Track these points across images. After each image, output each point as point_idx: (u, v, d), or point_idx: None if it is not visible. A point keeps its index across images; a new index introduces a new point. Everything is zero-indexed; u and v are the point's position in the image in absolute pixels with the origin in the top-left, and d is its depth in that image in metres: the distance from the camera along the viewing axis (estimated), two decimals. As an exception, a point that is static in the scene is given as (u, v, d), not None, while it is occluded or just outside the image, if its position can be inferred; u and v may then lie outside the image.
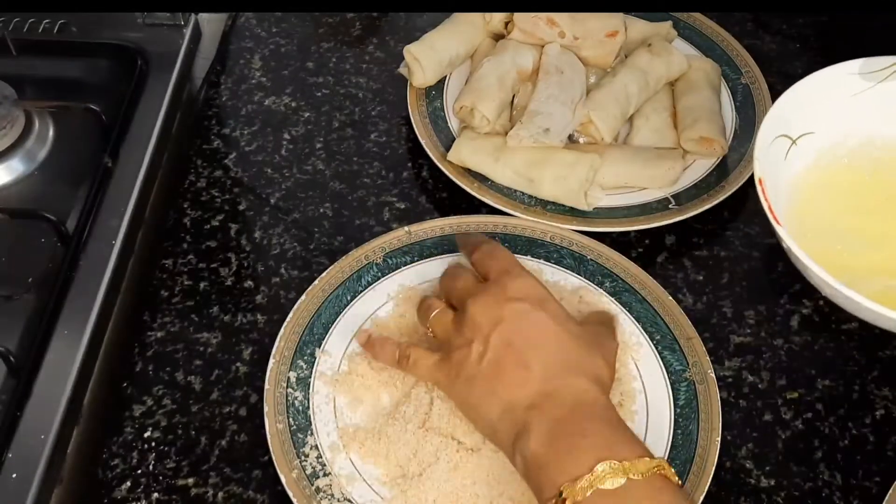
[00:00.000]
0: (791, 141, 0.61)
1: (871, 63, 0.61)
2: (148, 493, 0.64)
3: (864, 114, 0.57)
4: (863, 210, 0.63)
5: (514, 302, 0.60)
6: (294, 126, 0.88)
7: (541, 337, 0.60)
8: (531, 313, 0.60)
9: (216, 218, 0.80)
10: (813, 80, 0.61)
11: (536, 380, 0.58)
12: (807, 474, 0.66)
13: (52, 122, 0.82)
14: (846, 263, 0.61)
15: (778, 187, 0.59)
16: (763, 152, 0.58)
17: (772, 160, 0.60)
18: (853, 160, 0.64)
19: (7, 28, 0.86)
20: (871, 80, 0.60)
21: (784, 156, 0.61)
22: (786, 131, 0.61)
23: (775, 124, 0.60)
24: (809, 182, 0.64)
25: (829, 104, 0.61)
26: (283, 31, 0.96)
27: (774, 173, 0.60)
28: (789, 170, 0.61)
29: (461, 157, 0.80)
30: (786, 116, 0.61)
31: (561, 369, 0.58)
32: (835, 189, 0.64)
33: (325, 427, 0.66)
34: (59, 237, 0.72)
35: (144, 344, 0.72)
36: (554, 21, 0.86)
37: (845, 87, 0.62)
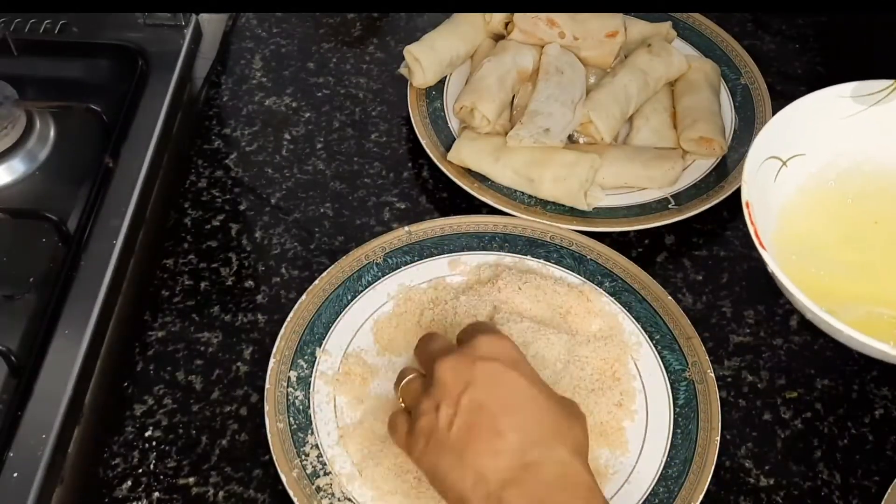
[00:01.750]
0: (781, 163, 0.60)
1: (864, 86, 0.60)
2: (149, 493, 0.64)
3: (854, 137, 0.56)
4: (848, 236, 0.62)
5: (486, 361, 0.55)
6: (295, 126, 0.88)
7: (516, 400, 0.54)
8: (504, 373, 0.54)
9: (217, 218, 0.80)
10: (805, 102, 0.60)
11: (512, 449, 0.52)
12: (806, 474, 0.66)
13: (53, 123, 0.82)
14: (829, 288, 0.60)
15: (765, 210, 0.58)
16: (752, 175, 0.58)
17: (760, 183, 0.59)
18: (841, 184, 0.63)
19: (8, 28, 0.86)
20: (863, 104, 0.60)
21: (774, 178, 0.61)
22: (776, 153, 0.60)
23: (766, 146, 0.60)
24: (797, 205, 0.62)
25: (820, 127, 0.60)
26: (284, 31, 0.96)
27: (762, 196, 0.59)
28: (778, 192, 0.60)
29: (461, 157, 0.80)
30: (777, 138, 0.60)
31: (539, 437, 0.53)
32: (822, 213, 0.63)
33: (326, 426, 0.66)
34: (60, 237, 0.72)
35: (145, 343, 0.72)
36: (554, 21, 0.87)
37: (837, 110, 0.61)
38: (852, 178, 0.63)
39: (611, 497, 0.63)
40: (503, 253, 0.76)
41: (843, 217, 0.63)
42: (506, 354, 0.56)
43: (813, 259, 0.61)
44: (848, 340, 0.52)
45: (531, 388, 0.54)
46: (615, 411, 0.66)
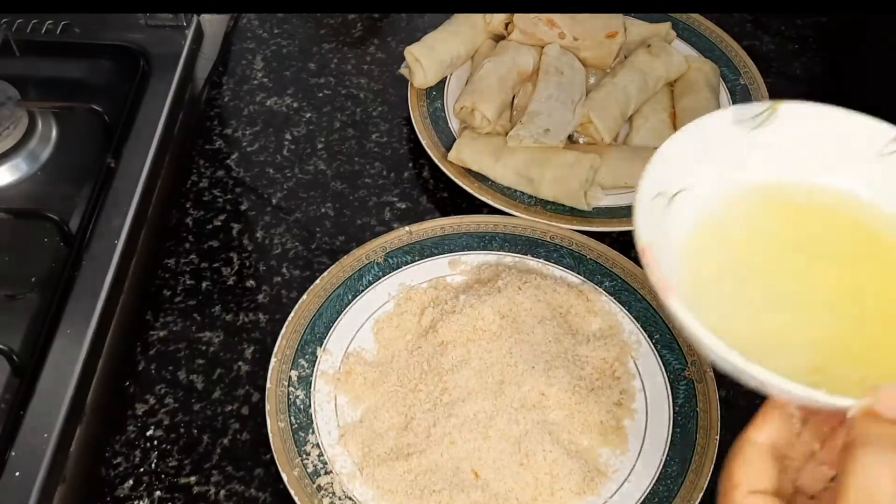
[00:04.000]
0: (669, 199, 0.58)
1: (744, 110, 0.58)
2: (150, 492, 0.65)
3: (741, 163, 0.54)
4: (746, 270, 0.57)
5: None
6: (295, 126, 0.88)
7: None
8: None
9: (218, 218, 0.81)
10: (687, 132, 0.57)
11: None
12: (805, 472, 0.66)
13: (55, 123, 0.82)
14: (740, 331, 0.56)
15: (662, 252, 0.52)
16: (644, 217, 0.53)
17: (654, 222, 0.54)
18: (730, 213, 0.58)
19: (10, 29, 0.86)
20: (745, 128, 0.58)
21: (662, 215, 0.56)
22: (662, 189, 0.56)
23: (652, 184, 0.54)
24: (689, 243, 0.57)
25: (704, 156, 0.58)
26: (285, 32, 0.97)
27: (659, 237, 0.53)
28: (670, 231, 0.55)
29: (462, 157, 0.81)
30: (661, 174, 0.56)
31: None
32: (716, 247, 0.58)
33: (327, 425, 0.66)
34: (62, 237, 0.72)
35: (147, 343, 0.72)
36: (554, 22, 0.87)
37: (720, 137, 0.58)
38: (742, 206, 0.59)
39: (611, 496, 0.63)
40: (503, 253, 0.76)
41: (734, 251, 0.58)
42: None
43: (717, 301, 0.54)
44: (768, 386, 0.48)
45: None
46: (615, 410, 0.67)
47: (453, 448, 0.64)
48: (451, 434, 0.64)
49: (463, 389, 0.67)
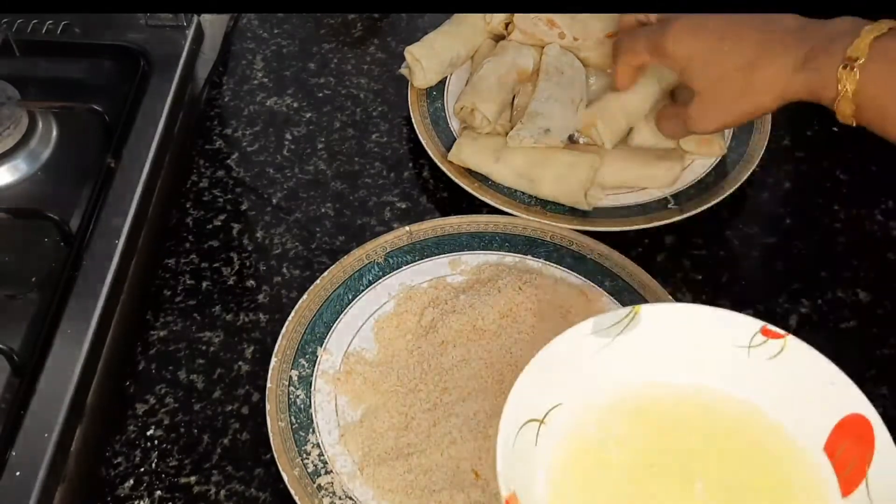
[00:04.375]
0: (539, 422, 0.53)
1: (604, 320, 0.56)
2: (151, 492, 0.65)
3: (605, 374, 0.52)
4: (626, 490, 0.55)
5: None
6: (296, 126, 0.88)
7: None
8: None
9: (218, 218, 0.81)
10: (550, 350, 0.54)
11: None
12: (805, 472, 0.66)
13: (55, 123, 0.82)
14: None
15: (533, 489, 0.51)
16: (507, 460, 0.49)
17: (518, 459, 0.51)
18: (603, 429, 0.56)
19: (10, 29, 0.86)
20: (607, 336, 0.57)
21: (535, 441, 0.53)
22: (532, 415, 0.53)
23: (518, 411, 0.52)
24: (565, 465, 0.55)
25: (570, 371, 0.55)
26: (285, 31, 0.97)
27: (527, 475, 0.51)
28: (544, 458, 0.53)
29: (462, 157, 0.81)
30: (526, 400, 0.53)
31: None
32: (591, 469, 0.55)
33: (327, 425, 0.66)
34: (63, 237, 0.72)
35: (147, 343, 0.72)
36: (554, 22, 0.87)
37: (584, 350, 0.55)
38: (614, 418, 0.56)
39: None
40: (504, 252, 0.76)
41: (614, 467, 0.55)
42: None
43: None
44: None
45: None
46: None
47: (453, 448, 0.64)
48: (452, 434, 0.64)
49: (463, 389, 0.67)
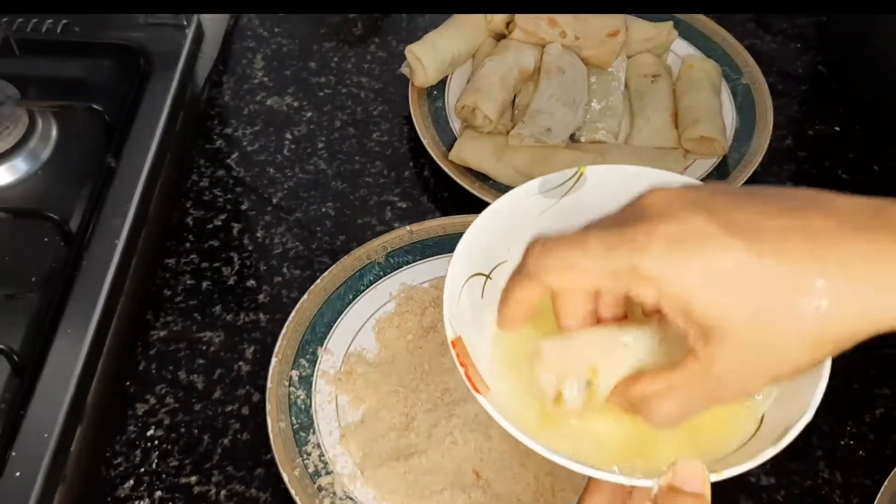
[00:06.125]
0: (485, 277, 0.54)
1: (550, 180, 0.57)
2: (151, 492, 0.65)
3: (552, 231, 0.52)
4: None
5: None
6: (296, 126, 0.88)
7: None
8: None
9: (219, 217, 0.80)
10: (497, 207, 0.55)
11: None
12: (806, 472, 0.66)
13: (55, 122, 0.82)
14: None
15: (479, 339, 0.51)
16: (453, 308, 0.50)
17: (465, 310, 0.52)
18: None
19: (10, 28, 0.86)
20: (554, 197, 0.57)
21: (481, 294, 0.54)
22: (478, 268, 0.54)
23: (464, 266, 0.53)
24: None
25: (517, 230, 0.56)
26: (286, 31, 0.97)
27: (473, 325, 0.52)
28: (491, 312, 0.52)
29: (463, 156, 0.81)
30: (473, 254, 0.54)
31: None
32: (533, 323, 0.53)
33: (328, 425, 0.66)
34: (63, 236, 0.72)
35: (147, 343, 0.72)
36: (555, 21, 0.87)
37: (531, 209, 0.55)
38: None
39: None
40: (504, 252, 0.76)
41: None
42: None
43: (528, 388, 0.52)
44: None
45: None
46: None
47: (454, 448, 0.64)
48: (453, 434, 0.64)
49: (464, 390, 0.66)
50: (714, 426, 0.50)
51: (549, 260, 0.45)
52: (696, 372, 0.43)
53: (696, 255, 0.41)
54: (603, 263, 0.43)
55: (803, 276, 0.40)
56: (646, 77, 0.87)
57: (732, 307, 0.41)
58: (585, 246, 0.44)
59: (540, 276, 0.45)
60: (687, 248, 0.41)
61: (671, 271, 0.41)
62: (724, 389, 0.44)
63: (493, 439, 0.64)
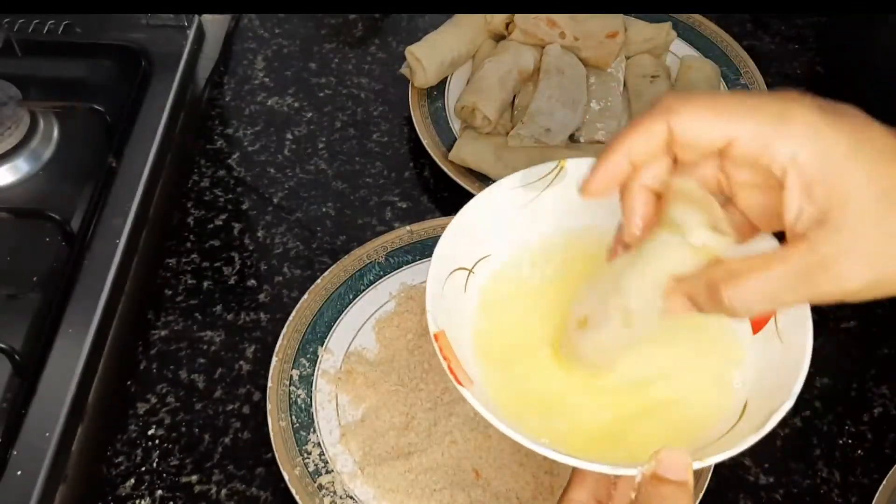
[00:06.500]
0: (468, 272, 0.55)
1: (532, 173, 0.57)
2: (152, 491, 0.65)
3: (532, 226, 0.52)
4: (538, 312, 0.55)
5: None
6: (297, 126, 0.88)
7: None
8: None
9: (219, 217, 0.81)
10: (478, 202, 0.55)
11: None
12: (805, 472, 0.66)
13: (56, 123, 0.82)
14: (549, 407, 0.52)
15: (462, 332, 0.51)
16: (436, 300, 0.50)
17: (448, 305, 0.52)
18: (530, 278, 0.56)
19: (12, 29, 0.87)
20: (536, 190, 0.57)
21: (464, 289, 0.54)
22: (460, 263, 0.54)
23: (446, 260, 0.53)
24: (483, 318, 0.55)
25: (498, 224, 0.55)
26: (286, 32, 0.97)
27: (456, 319, 0.52)
28: (472, 304, 0.54)
29: (462, 156, 0.81)
30: (455, 249, 0.54)
31: None
32: (521, 313, 0.55)
33: (328, 425, 0.66)
34: (64, 236, 0.72)
35: (148, 342, 0.72)
36: (554, 22, 0.87)
37: (511, 203, 0.56)
38: (539, 262, 0.57)
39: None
40: (504, 252, 0.76)
41: (545, 313, 0.55)
42: None
43: (522, 377, 0.53)
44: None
45: None
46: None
47: (454, 447, 0.64)
48: (452, 433, 0.64)
49: (464, 389, 0.67)
50: (697, 412, 0.50)
51: (688, 98, 0.42)
52: (800, 251, 0.40)
53: (844, 123, 0.40)
54: (750, 108, 0.41)
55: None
56: (645, 77, 0.88)
57: (865, 189, 0.39)
58: (724, 95, 0.42)
59: (677, 111, 0.42)
60: (835, 116, 0.40)
61: (819, 129, 0.40)
62: (822, 277, 0.40)
63: (492, 438, 0.64)
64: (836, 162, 0.39)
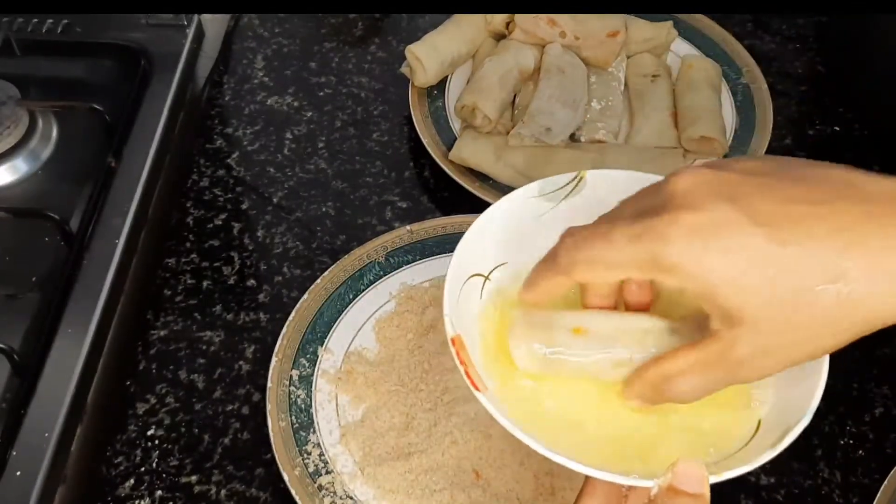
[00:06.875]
0: (484, 278, 0.55)
1: (550, 183, 0.57)
2: (151, 491, 0.65)
3: (550, 236, 0.52)
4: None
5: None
6: (297, 125, 0.88)
7: None
8: None
9: (219, 217, 0.81)
10: (496, 211, 0.55)
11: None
12: (806, 472, 0.66)
13: (55, 122, 0.82)
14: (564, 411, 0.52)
15: (472, 341, 0.51)
16: (453, 306, 0.51)
17: (464, 310, 0.52)
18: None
19: (11, 28, 0.86)
20: (553, 200, 0.57)
21: (480, 295, 0.55)
22: (479, 269, 0.55)
23: (464, 266, 0.53)
24: (501, 324, 0.55)
25: (516, 232, 0.55)
26: (286, 31, 0.97)
27: (470, 323, 0.52)
28: (482, 313, 0.54)
29: (463, 156, 0.81)
30: (473, 255, 0.54)
31: None
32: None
33: (328, 425, 0.66)
34: (63, 236, 0.72)
35: (148, 342, 0.72)
36: (555, 21, 0.87)
37: (530, 212, 0.56)
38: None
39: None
40: (504, 252, 0.76)
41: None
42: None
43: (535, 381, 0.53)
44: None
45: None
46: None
47: (454, 447, 0.64)
48: (453, 433, 0.64)
49: (464, 389, 0.66)
50: (713, 428, 0.50)
51: (578, 255, 0.46)
52: (717, 352, 0.44)
53: (718, 244, 0.42)
54: (628, 256, 0.44)
55: (826, 262, 0.41)
56: (645, 77, 0.88)
57: (754, 294, 0.42)
58: (611, 240, 0.44)
59: (569, 271, 0.46)
60: (709, 238, 0.42)
61: (693, 260, 0.42)
62: (743, 371, 0.44)
63: (492, 438, 0.64)
64: (722, 282, 0.42)
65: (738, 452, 0.47)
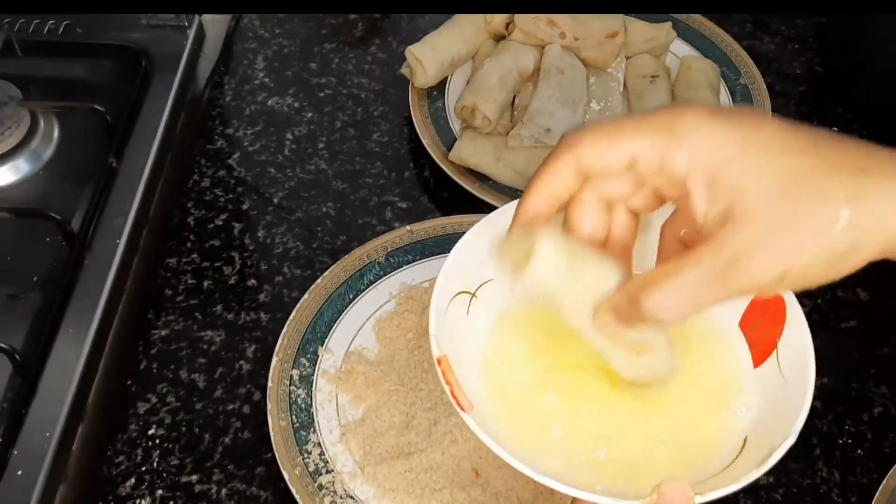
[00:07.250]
0: (471, 295, 0.55)
1: None
2: (152, 490, 0.65)
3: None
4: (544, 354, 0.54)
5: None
6: (297, 126, 0.88)
7: None
8: None
9: (220, 217, 0.81)
10: (482, 226, 0.54)
11: None
12: (805, 472, 0.67)
13: (57, 123, 0.82)
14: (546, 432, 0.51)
15: (459, 358, 0.50)
16: (439, 324, 0.50)
17: (450, 328, 0.51)
18: (534, 300, 0.55)
19: (12, 29, 0.87)
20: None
21: (466, 312, 0.54)
22: (463, 286, 0.54)
23: (450, 283, 0.53)
24: (489, 343, 0.55)
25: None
26: (287, 32, 0.97)
27: (459, 342, 0.51)
28: (474, 328, 0.53)
29: (462, 156, 0.81)
30: (461, 271, 0.53)
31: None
32: (525, 335, 0.55)
33: (328, 424, 0.66)
34: (65, 236, 0.72)
35: (149, 342, 0.72)
36: (554, 22, 0.87)
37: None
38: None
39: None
40: (504, 252, 0.76)
41: (537, 330, 0.55)
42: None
43: (526, 400, 0.52)
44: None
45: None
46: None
47: (454, 447, 0.64)
48: (452, 433, 0.64)
49: (464, 388, 0.67)
50: (698, 442, 0.50)
51: (585, 131, 0.44)
52: (708, 252, 0.41)
53: (736, 122, 0.41)
54: (642, 125, 0.43)
55: (834, 182, 0.40)
56: (644, 78, 0.88)
57: (761, 179, 0.40)
58: (622, 118, 0.44)
59: (576, 145, 0.44)
60: (727, 120, 0.41)
61: (709, 131, 0.41)
62: (734, 273, 0.40)
63: (492, 438, 0.64)
64: (731, 158, 0.41)
65: (723, 471, 0.47)
